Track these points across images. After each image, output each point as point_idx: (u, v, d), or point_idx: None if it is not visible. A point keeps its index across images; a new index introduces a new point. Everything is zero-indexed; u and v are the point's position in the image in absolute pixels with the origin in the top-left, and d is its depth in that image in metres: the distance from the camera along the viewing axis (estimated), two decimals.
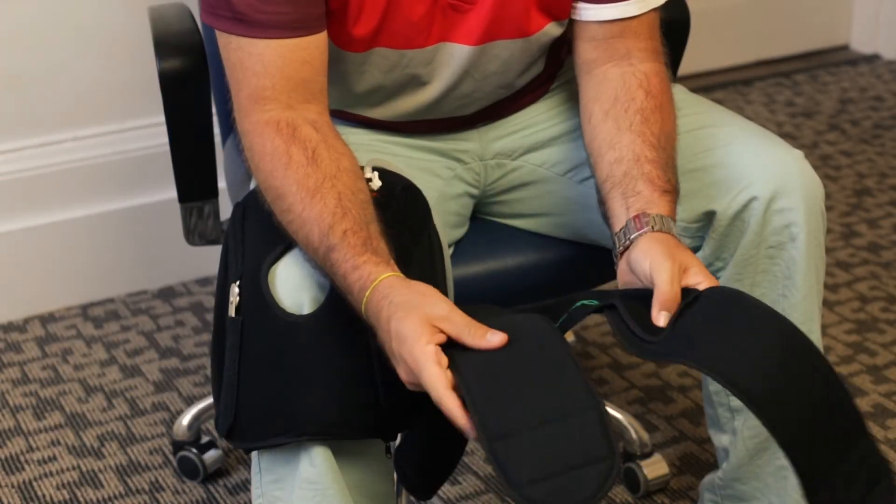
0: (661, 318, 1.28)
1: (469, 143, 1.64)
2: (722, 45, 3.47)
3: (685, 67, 1.78)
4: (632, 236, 1.37)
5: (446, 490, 1.93)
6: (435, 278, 1.39)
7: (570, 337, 2.26)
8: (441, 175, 1.63)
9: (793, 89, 3.42)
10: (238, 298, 1.35)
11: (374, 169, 1.42)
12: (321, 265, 1.33)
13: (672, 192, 1.43)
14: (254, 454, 1.38)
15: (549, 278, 1.68)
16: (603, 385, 2.19)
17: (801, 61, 3.59)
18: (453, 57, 1.52)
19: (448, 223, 1.61)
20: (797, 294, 1.52)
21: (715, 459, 1.99)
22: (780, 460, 1.60)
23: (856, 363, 2.24)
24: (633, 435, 1.93)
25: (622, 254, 1.38)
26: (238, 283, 1.36)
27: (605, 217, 1.44)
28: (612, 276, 1.75)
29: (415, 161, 1.60)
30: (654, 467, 1.93)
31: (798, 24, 3.59)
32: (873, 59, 3.61)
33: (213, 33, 1.59)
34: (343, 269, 1.30)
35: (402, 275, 1.29)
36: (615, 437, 1.18)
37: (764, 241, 1.51)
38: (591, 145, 1.50)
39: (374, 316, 1.27)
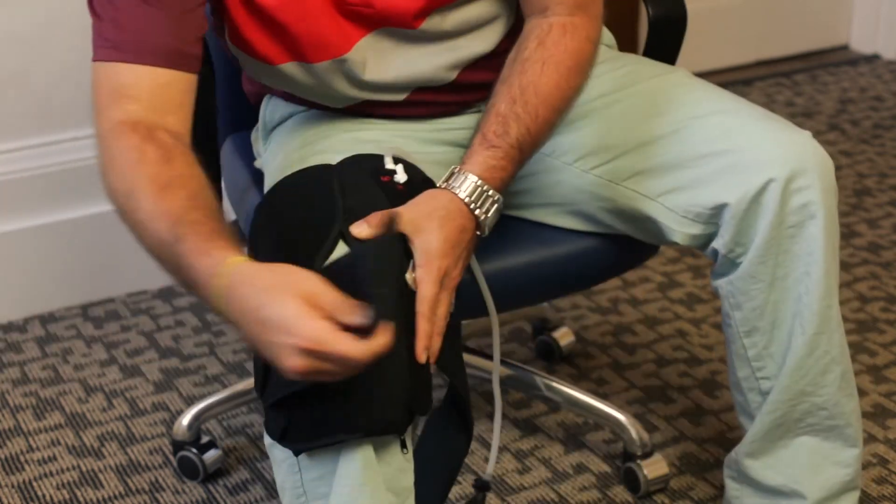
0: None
1: (457, 122, 1.65)
2: (722, 45, 3.47)
3: (685, 67, 1.79)
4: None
5: None
6: None
7: (569, 337, 2.26)
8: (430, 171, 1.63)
9: (793, 89, 3.42)
10: None
11: (395, 160, 1.43)
12: (169, 261, 1.30)
13: (503, 146, 1.45)
14: (287, 452, 1.39)
15: (558, 271, 1.68)
16: (603, 385, 2.19)
17: (801, 61, 3.59)
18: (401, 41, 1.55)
19: None
20: (819, 270, 1.55)
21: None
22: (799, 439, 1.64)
23: (856, 363, 2.24)
24: (633, 435, 1.93)
25: None
26: None
27: None
28: (627, 266, 1.76)
29: (430, 154, 1.61)
30: (654, 467, 1.93)
31: (798, 24, 3.59)
32: (873, 59, 3.61)
33: (218, 41, 1.60)
34: (191, 258, 1.26)
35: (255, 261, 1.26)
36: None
37: (784, 222, 1.53)
38: None
39: (237, 304, 1.22)
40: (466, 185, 1.43)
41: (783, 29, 3.57)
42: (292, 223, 1.42)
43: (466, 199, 1.42)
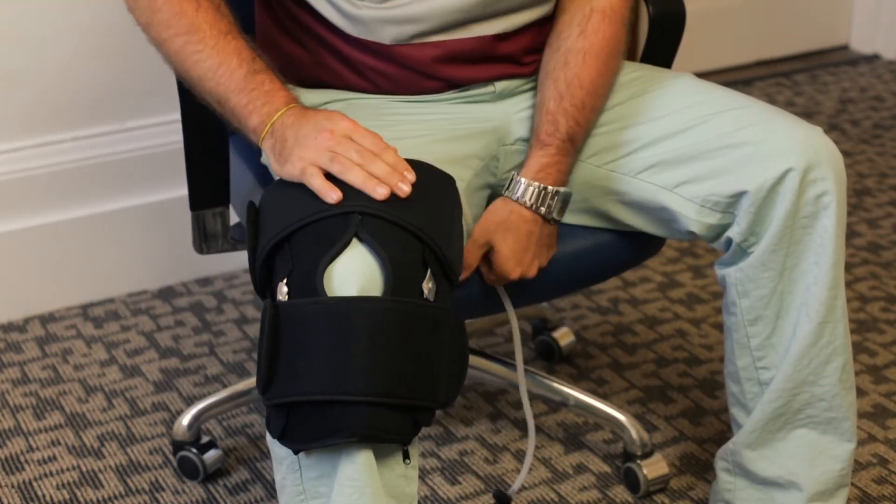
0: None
1: (491, 112, 1.65)
2: (722, 45, 3.47)
3: (685, 67, 1.79)
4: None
5: (446, 490, 1.93)
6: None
7: (569, 337, 2.26)
8: (470, 166, 1.63)
9: (793, 89, 3.42)
10: (287, 297, 1.35)
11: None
12: (236, 86, 1.45)
13: (554, 143, 1.59)
14: (288, 451, 1.39)
15: (562, 270, 1.69)
16: (603, 385, 2.19)
17: (801, 61, 3.60)
18: None
19: (471, 215, 1.62)
20: (828, 261, 1.57)
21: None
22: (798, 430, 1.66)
23: (856, 363, 2.24)
24: (634, 435, 1.93)
25: None
26: (286, 280, 1.36)
27: None
28: (630, 263, 1.77)
29: (446, 152, 1.60)
30: (654, 467, 1.93)
31: (798, 24, 3.59)
32: (873, 59, 3.62)
33: None
34: (274, 84, 1.45)
35: None
36: None
37: (799, 212, 1.56)
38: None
39: (290, 120, 1.42)
40: (523, 190, 1.58)
41: (783, 29, 3.57)
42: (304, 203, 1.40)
43: (528, 203, 1.57)
